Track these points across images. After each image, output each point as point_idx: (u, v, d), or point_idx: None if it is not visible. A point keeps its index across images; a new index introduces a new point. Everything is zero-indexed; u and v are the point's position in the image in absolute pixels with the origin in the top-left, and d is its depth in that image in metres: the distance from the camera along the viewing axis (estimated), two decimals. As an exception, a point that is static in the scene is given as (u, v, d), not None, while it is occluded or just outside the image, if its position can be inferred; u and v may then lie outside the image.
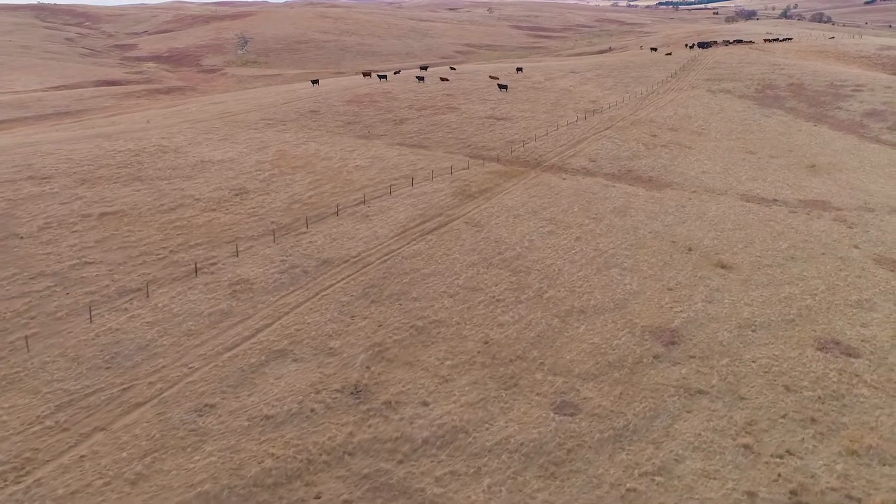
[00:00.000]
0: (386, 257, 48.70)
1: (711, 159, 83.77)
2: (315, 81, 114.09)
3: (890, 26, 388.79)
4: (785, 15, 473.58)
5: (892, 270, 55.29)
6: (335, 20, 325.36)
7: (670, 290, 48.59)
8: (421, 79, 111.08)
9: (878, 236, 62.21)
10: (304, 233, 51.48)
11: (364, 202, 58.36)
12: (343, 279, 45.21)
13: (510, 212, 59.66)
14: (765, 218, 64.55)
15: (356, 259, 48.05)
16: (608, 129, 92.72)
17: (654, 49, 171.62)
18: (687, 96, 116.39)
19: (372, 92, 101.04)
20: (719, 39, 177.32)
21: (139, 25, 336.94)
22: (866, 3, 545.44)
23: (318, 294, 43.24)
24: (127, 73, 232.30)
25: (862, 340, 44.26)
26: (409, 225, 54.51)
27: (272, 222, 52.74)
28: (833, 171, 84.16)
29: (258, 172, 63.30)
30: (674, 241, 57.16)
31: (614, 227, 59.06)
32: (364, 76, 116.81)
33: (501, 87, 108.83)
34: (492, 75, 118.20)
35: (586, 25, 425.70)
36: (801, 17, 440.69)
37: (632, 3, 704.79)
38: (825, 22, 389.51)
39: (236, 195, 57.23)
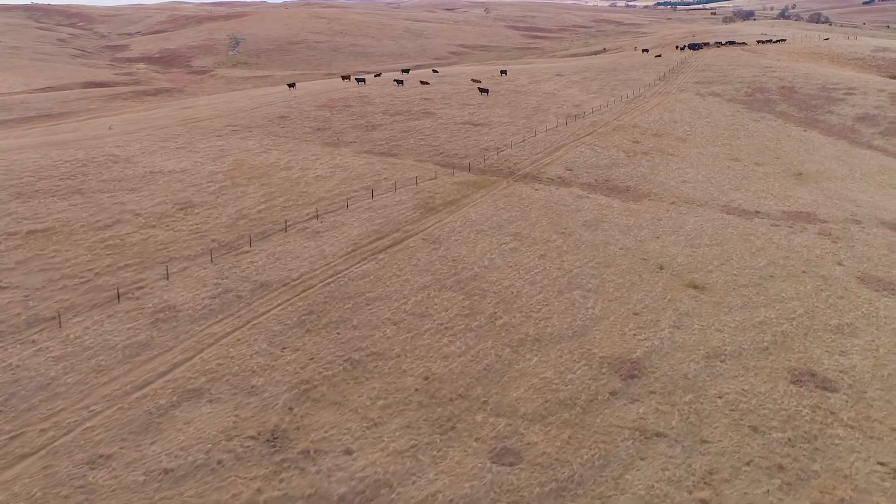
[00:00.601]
0: (331, 279, 45.05)
1: (694, 167, 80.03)
2: (292, 85, 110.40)
3: (888, 26, 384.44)
4: (783, 15, 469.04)
5: (876, 290, 51.59)
6: (329, 21, 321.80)
7: (636, 314, 44.91)
8: (400, 82, 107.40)
9: (863, 252, 58.46)
10: (247, 252, 47.84)
11: (317, 217, 54.71)
12: (280, 305, 41.57)
13: (473, 227, 55.98)
14: (744, 232, 60.81)
15: (297, 281, 44.41)
16: (589, 135, 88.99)
17: (646, 50, 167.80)
18: (674, 100, 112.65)
19: (347, 96, 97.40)
20: (711, 41, 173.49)
21: (133, 26, 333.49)
22: (864, 3, 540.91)
23: (249, 322, 39.61)
24: (116, 74, 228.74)
25: (840, 371, 40.58)
26: (362, 242, 50.85)
27: (213, 240, 49.10)
28: (821, 180, 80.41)
29: (209, 184, 59.65)
30: (645, 259, 53.45)
31: (583, 242, 55.36)
32: (343, 79, 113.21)
33: (482, 90, 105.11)
34: (474, 78, 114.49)
35: (583, 26, 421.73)
36: (798, 18, 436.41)
37: (630, 4, 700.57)
38: (823, 22, 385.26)
39: (181, 209, 53.59)
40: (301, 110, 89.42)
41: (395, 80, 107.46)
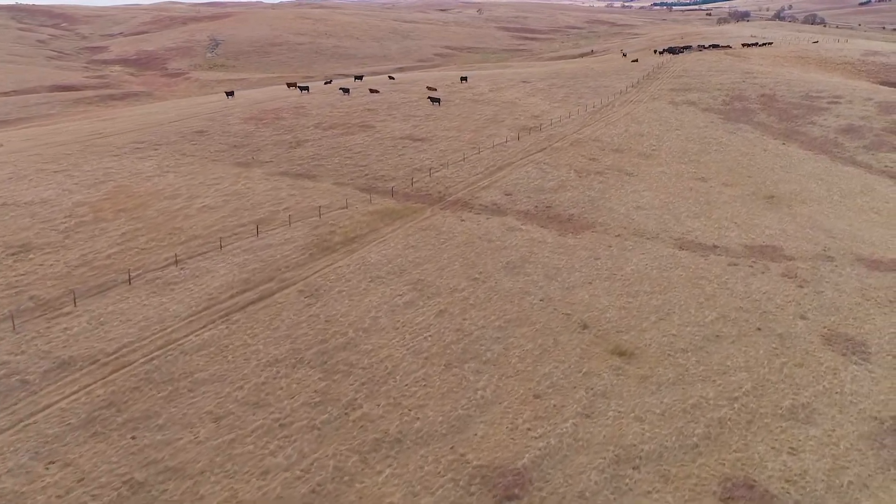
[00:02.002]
0: (157, 353, 35.57)
1: (652, 190, 70.32)
2: (230, 93, 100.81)
3: (883, 28, 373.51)
4: (778, 16, 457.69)
5: (843, 354, 41.98)
6: (315, 22, 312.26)
7: (537, 396, 35.38)
8: (346, 91, 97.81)
9: (832, 300, 48.77)
10: (67, 313, 38.40)
11: (176, 262, 45.18)
12: (74, 393, 32.12)
13: (368, 273, 46.44)
14: (695, 274, 51.14)
15: (113, 357, 34.93)
16: (542, 151, 79.35)
17: (625, 54, 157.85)
18: (645, 109, 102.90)
19: (282, 107, 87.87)
20: (695, 44, 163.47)
21: (116, 27, 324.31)
22: (860, 4, 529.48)
23: (21, 422, 30.17)
24: (87, 77, 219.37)
25: (786, 481, 31.11)
26: (220, 297, 41.35)
27: (31, 297, 39.67)
28: (794, 204, 70.66)
29: (65, 220, 50.21)
30: (567, 314, 43.86)
31: (497, 292, 45.78)
32: (289, 87, 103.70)
33: (434, 100, 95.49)
34: (429, 86, 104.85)
35: (575, 27, 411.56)
36: (793, 19, 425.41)
37: (626, 4, 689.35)
38: (818, 23, 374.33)
39: (11, 255, 44.16)
40: (224, 123, 79.91)
41: (341, 89, 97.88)
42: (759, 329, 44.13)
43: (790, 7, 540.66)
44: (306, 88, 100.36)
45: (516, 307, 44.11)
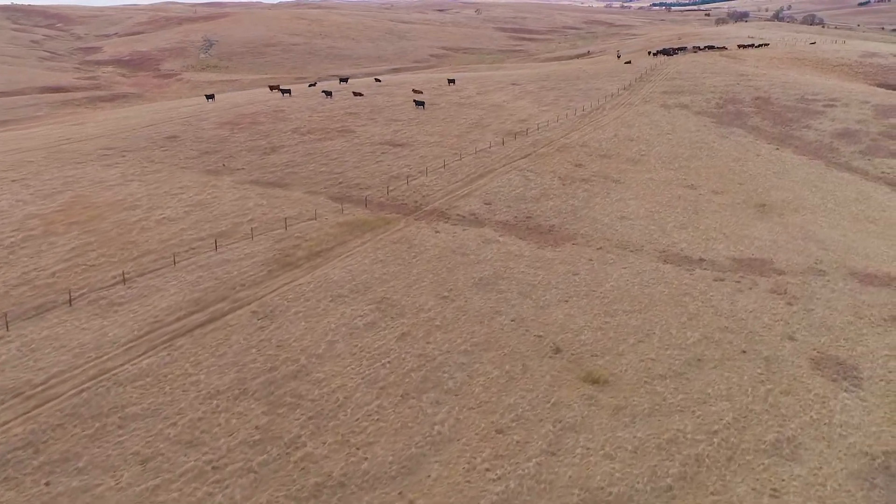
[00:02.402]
0: (89, 383, 32.71)
1: (639, 198, 67.40)
2: (210, 97, 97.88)
3: (882, 28, 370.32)
4: (777, 17, 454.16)
5: (833, 380, 39.09)
6: (310, 22, 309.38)
7: (500, 432, 32.49)
8: (329, 94, 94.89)
9: (823, 318, 45.85)
10: (-3, 339, 35.50)
11: (125, 280, 42.30)
12: (-11, 431, 29.20)
13: (330, 291, 43.56)
14: (679, 291, 48.23)
15: (39, 389, 32.06)
16: (526, 157, 76.44)
17: (619, 56, 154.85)
18: (636, 113, 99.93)
19: (260, 111, 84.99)
20: (690, 45, 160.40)
21: (112, 27, 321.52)
22: (860, 4, 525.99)
23: (-76, 465, 27.24)
24: (78, 78, 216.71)
25: (767, 529, 28.09)
26: (165, 320, 38.46)
27: (-41, 321, 36.79)
28: (786, 212, 67.71)
29: (13, 234, 47.35)
30: (540, 336, 40.97)
31: (466, 312, 42.89)
32: (271, 89, 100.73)
33: (418, 103, 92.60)
34: (415, 89, 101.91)
35: (573, 27, 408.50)
36: (792, 19, 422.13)
37: (625, 5, 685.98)
38: (816, 24, 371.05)
39: (-53, 273, 41.29)
40: (198, 128, 77.04)
41: (323, 92, 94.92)
42: (743, 352, 41.23)
43: (789, 7, 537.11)
44: (288, 91, 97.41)
45: (485, 328, 41.21)
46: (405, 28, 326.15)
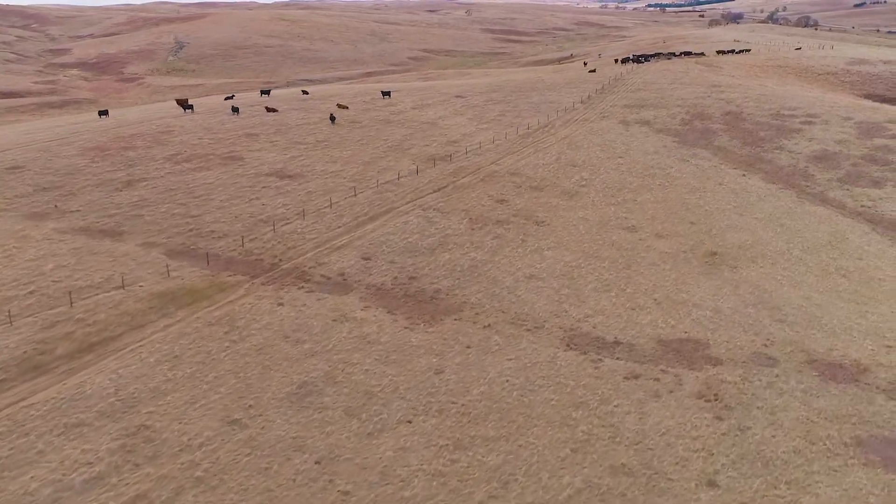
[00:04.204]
0: None
1: (560, 247, 54.24)
2: (103, 112, 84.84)
3: (878, 30, 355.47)
4: (771, 18, 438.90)
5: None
6: (290, 23, 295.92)
7: None
8: (236, 110, 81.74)
9: (761, 444, 32.67)
10: None
11: None
12: None
13: (68, 415, 30.66)
14: (571, 400, 35.11)
15: None
16: (439, 190, 63.33)
17: (585, 63, 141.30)
18: (588, 131, 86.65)
19: (142, 132, 71.92)
20: (665, 51, 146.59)
21: (88, 28, 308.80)
22: (855, 5, 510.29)
23: None
24: (36, 82, 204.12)
25: None
26: None
27: None
28: (741, 264, 54.47)
29: None
30: (345, 494, 27.86)
31: (255, 448, 29.87)
32: (178, 104, 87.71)
33: (332, 118, 79.62)
34: (340, 104, 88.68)
35: (563, 28, 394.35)
36: (786, 21, 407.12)
37: (620, 5, 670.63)
38: (810, 26, 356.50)
39: None
40: (53, 156, 64.07)
41: (232, 108, 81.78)
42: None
43: (784, 9, 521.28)
44: (191, 107, 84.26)
45: (270, 482, 28.14)
46: (388, 29, 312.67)
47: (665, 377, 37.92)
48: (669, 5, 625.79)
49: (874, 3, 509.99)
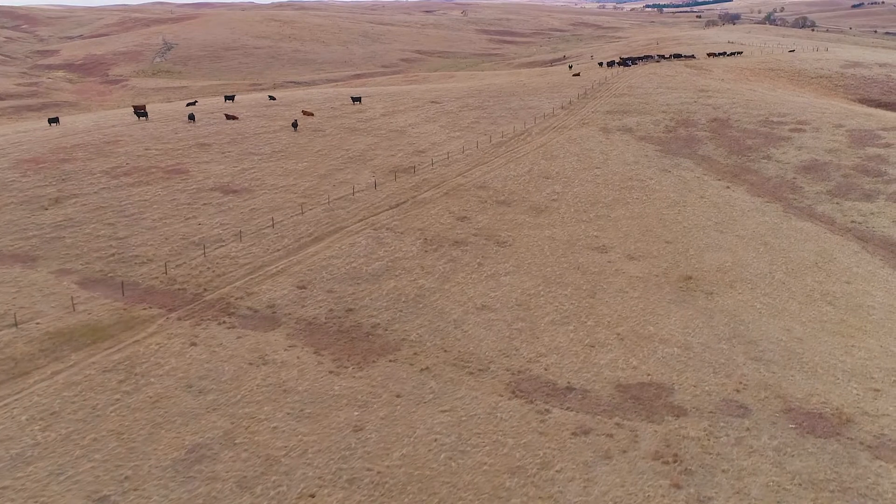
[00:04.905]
0: None
1: (520, 271, 49.26)
2: (53, 120, 79.90)
3: (875, 31, 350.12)
4: (769, 19, 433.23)
5: None
6: (282, 24, 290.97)
7: None
8: (192, 117, 76.77)
9: (723, 523, 27.62)
10: None
11: None
12: None
13: None
14: (508, 464, 30.13)
15: None
16: (397, 206, 58.39)
17: (570, 66, 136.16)
18: (567, 139, 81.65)
19: (85, 143, 66.99)
20: (655, 54, 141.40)
21: (78, 29, 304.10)
22: (853, 6, 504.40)
23: None
24: (19, 84, 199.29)
25: None
26: None
27: None
28: (718, 289, 49.47)
29: None
30: None
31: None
32: (135, 110, 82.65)
33: (295, 125, 74.76)
34: (306, 110, 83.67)
35: (559, 29, 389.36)
36: (783, 22, 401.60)
37: (618, 6, 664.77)
38: (807, 27, 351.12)
39: None
40: (-16, 169, 59.11)
41: (189, 116, 76.83)
42: None
43: (782, 9, 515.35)
44: (145, 114, 79.27)
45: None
46: (381, 30, 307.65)
47: (619, 433, 32.93)
48: (667, 6, 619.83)
49: (872, 3, 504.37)
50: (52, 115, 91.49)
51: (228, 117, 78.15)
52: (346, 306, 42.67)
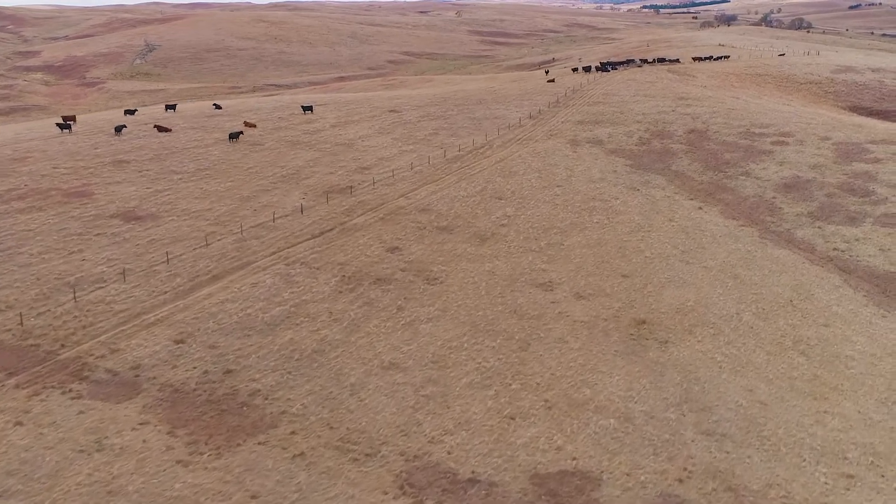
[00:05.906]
0: None
1: (445, 317, 42.16)
2: (-29, 132, 73.03)
3: (871, 33, 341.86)
4: (765, 20, 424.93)
5: None
6: (270, 24, 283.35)
7: None
8: (119, 129, 69.70)
9: None
10: None
11: None
12: None
13: None
14: None
15: None
16: (319, 235, 51.28)
17: (547, 72, 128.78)
18: (530, 153, 74.48)
19: (-12, 160, 59.92)
20: (637, 58, 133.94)
21: (65, 30, 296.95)
22: (850, 7, 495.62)
23: None
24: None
25: None
26: None
27: None
28: (673, 339, 42.32)
29: None
30: None
31: None
32: (61, 122, 75.29)
33: (232, 136, 67.84)
34: (248, 122, 76.55)
35: (553, 30, 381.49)
36: (780, 23, 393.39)
37: (615, 6, 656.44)
38: (803, 28, 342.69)
39: None
40: None
41: (116, 127, 69.72)
42: None
43: (779, 10, 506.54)
44: (68, 127, 72.19)
45: None
46: (370, 31, 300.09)
47: (522, 549, 25.75)
48: (664, 7, 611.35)
49: (869, 4, 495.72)
50: (21, 120, 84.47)
51: (160, 129, 71.07)
52: (225, 367, 35.59)
